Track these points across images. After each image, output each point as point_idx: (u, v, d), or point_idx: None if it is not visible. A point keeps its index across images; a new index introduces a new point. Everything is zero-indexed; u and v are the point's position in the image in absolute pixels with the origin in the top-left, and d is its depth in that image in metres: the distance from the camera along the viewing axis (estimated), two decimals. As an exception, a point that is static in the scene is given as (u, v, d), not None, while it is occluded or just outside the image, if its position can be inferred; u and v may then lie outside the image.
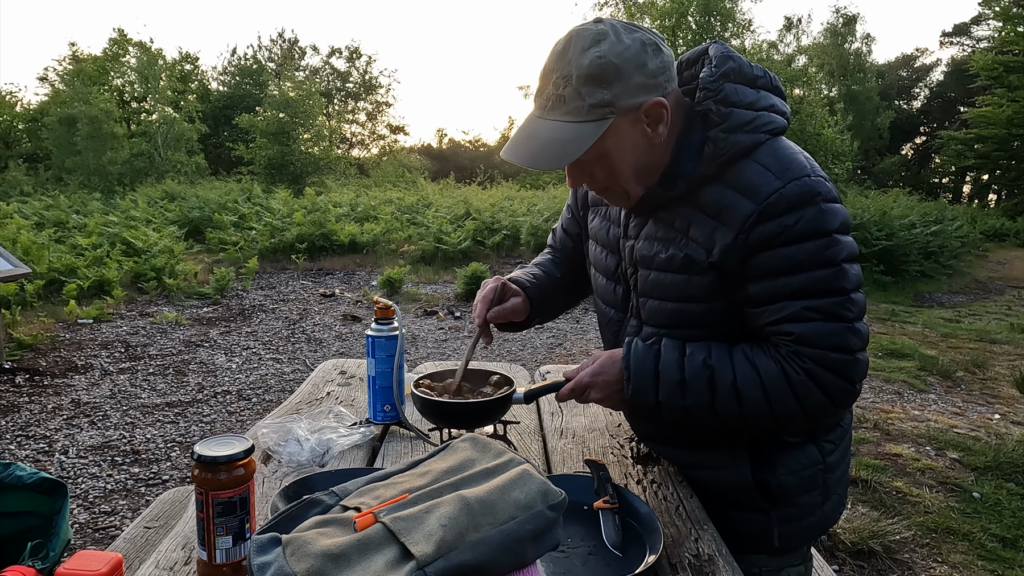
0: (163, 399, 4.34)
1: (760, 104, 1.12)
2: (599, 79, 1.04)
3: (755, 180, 1.07)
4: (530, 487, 0.85)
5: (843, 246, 1.06)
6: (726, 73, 1.11)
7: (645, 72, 1.06)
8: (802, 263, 1.05)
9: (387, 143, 34.47)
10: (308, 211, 11.45)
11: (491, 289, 1.39)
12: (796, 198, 1.05)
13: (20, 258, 6.37)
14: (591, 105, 1.05)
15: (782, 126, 1.14)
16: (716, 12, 11.27)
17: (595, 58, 1.03)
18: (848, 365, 1.07)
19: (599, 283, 1.39)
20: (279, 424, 1.41)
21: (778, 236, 1.05)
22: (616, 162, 1.11)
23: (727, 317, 1.15)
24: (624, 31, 1.06)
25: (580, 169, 1.14)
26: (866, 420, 4.13)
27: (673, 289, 1.17)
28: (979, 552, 2.76)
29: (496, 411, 1.38)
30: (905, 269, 10.11)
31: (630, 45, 1.05)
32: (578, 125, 1.06)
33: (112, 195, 15.89)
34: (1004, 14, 21.43)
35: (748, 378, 1.10)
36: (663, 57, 1.08)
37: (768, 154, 1.10)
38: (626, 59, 1.04)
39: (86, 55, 25.28)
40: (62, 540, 1.16)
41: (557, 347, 5.91)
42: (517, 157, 1.09)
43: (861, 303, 1.08)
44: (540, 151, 1.08)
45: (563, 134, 1.06)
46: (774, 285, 1.08)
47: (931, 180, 30.97)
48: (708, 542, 1.07)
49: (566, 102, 1.06)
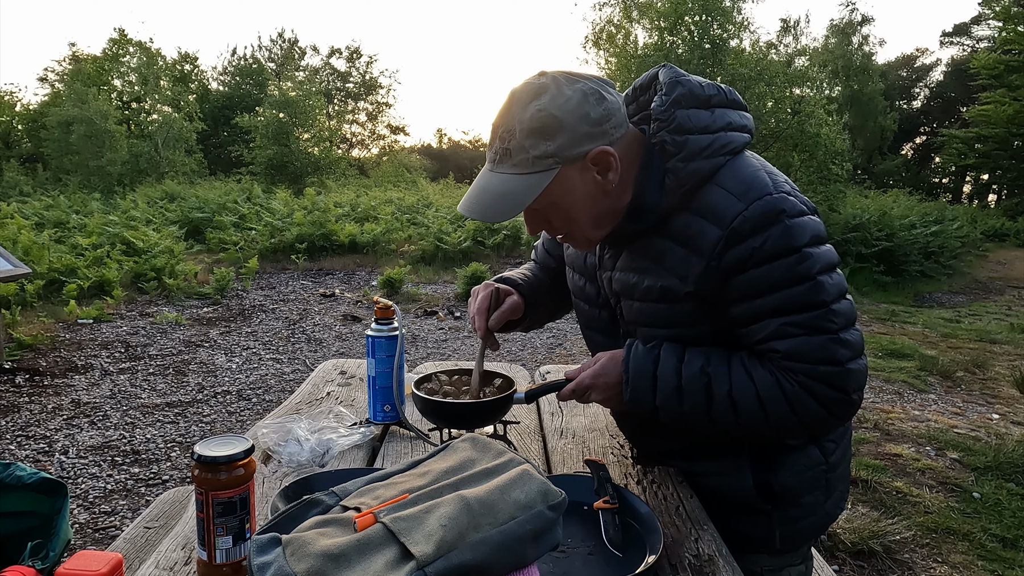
0: (163, 399, 4.34)
1: (716, 125, 1.11)
2: (541, 132, 1.06)
3: (719, 205, 1.07)
4: (530, 487, 0.85)
5: (815, 259, 1.05)
6: (676, 100, 1.10)
7: (588, 121, 1.06)
8: (777, 282, 1.05)
9: (387, 143, 34.52)
10: (308, 211, 11.45)
11: (484, 297, 1.39)
12: (760, 219, 1.04)
13: (20, 258, 6.37)
14: (535, 157, 1.06)
15: (743, 142, 1.14)
16: (715, 12, 11.24)
17: (536, 111, 1.05)
18: (839, 376, 1.06)
19: (581, 309, 1.39)
20: (279, 424, 1.41)
21: (748, 259, 1.05)
22: (569, 210, 1.13)
23: (721, 336, 1.15)
24: (566, 83, 1.07)
25: (536, 217, 1.16)
26: (866, 420, 4.13)
27: (658, 317, 1.18)
28: (979, 552, 2.76)
29: (496, 411, 1.38)
30: (905, 269, 10.11)
31: (571, 96, 1.06)
32: (525, 177, 1.08)
33: (112, 195, 15.89)
34: (1004, 14, 21.43)
35: (744, 388, 1.10)
36: (607, 105, 1.08)
37: (729, 176, 1.09)
38: (567, 111, 1.05)
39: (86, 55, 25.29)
40: (62, 540, 1.16)
41: (557, 347, 5.92)
42: (471, 211, 1.12)
43: (846, 312, 1.07)
44: (491, 205, 1.10)
45: (511, 187, 1.09)
46: (753, 306, 1.08)
47: (931, 180, 30.97)
48: (708, 542, 1.07)
49: (512, 155, 1.08)
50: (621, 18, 13.01)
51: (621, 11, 13.05)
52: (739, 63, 11.14)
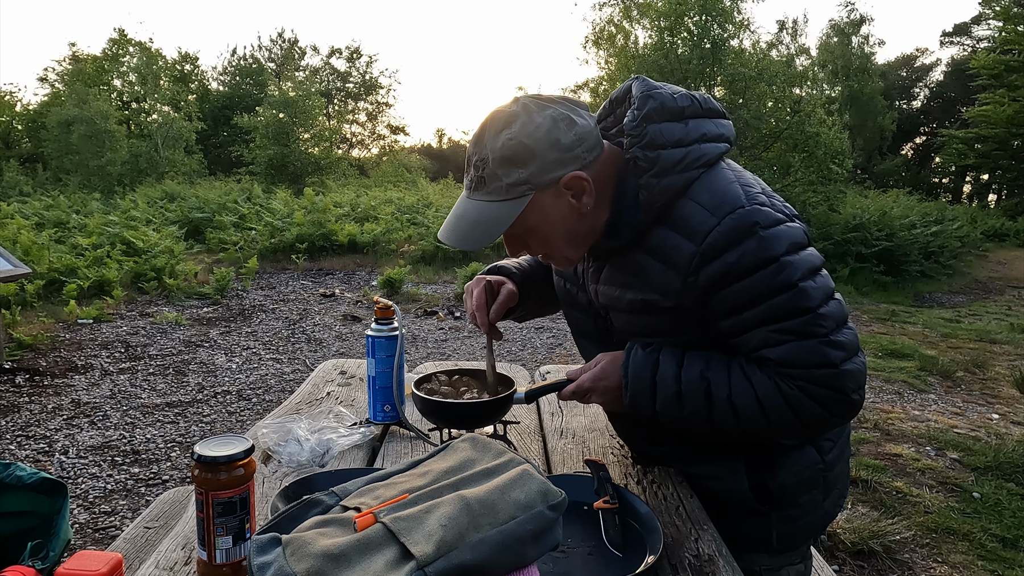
0: (163, 399, 4.34)
1: (690, 138, 1.10)
2: (512, 160, 1.07)
3: (692, 220, 1.07)
4: (530, 487, 0.85)
5: (795, 266, 1.04)
6: (647, 115, 1.09)
7: (559, 147, 1.07)
8: (759, 294, 1.05)
9: (387, 143, 34.52)
10: (308, 211, 11.44)
11: (480, 292, 1.39)
12: (733, 233, 1.04)
13: (20, 258, 6.37)
14: (509, 184, 1.08)
15: (718, 152, 1.13)
16: (715, 12, 11.23)
17: (507, 140, 1.07)
18: (836, 378, 1.06)
19: (573, 317, 1.39)
20: (279, 424, 1.41)
21: (728, 274, 1.05)
22: (546, 234, 1.14)
23: (710, 342, 1.15)
24: (536, 110, 1.08)
25: (514, 241, 1.17)
26: (866, 420, 4.13)
27: (646, 327, 1.18)
28: (979, 552, 2.76)
29: (496, 411, 1.38)
30: (905, 269, 10.11)
31: (541, 124, 1.07)
32: (499, 204, 1.10)
33: (112, 195, 15.89)
34: (1004, 14, 21.40)
35: (743, 392, 1.10)
36: (577, 129, 1.09)
37: (702, 190, 1.09)
38: (537, 139, 1.07)
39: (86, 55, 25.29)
40: (62, 540, 1.16)
41: (557, 347, 5.92)
42: (448, 238, 1.13)
43: (835, 314, 1.06)
44: (467, 232, 1.12)
45: (487, 214, 1.11)
46: (741, 319, 1.08)
47: (931, 180, 30.96)
48: (708, 542, 1.07)
49: (486, 183, 1.10)
50: (621, 18, 13.01)
51: (621, 11, 13.04)
52: (739, 63, 11.14)
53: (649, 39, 12.36)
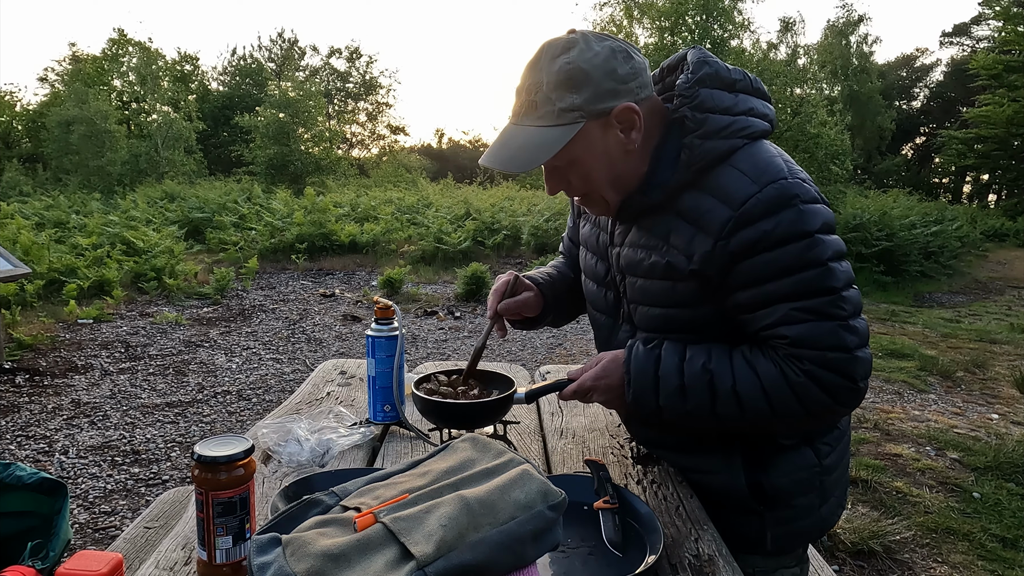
0: (163, 399, 4.34)
1: (738, 108, 1.11)
2: (568, 84, 1.06)
3: (732, 186, 1.07)
4: (530, 487, 0.85)
5: (827, 245, 1.05)
6: (701, 79, 1.11)
7: (615, 77, 1.07)
8: (787, 267, 1.04)
9: (387, 143, 34.51)
10: (308, 211, 11.45)
11: (503, 282, 1.41)
12: (773, 202, 1.04)
13: (20, 258, 6.37)
14: (561, 109, 1.07)
15: (763, 129, 1.14)
16: (715, 12, 11.25)
17: (564, 64, 1.06)
18: (848, 363, 1.06)
19: (590, 289, 1.39)
20: (279, 424, 1.41)
21: (759, 242, 1.04)
22: (590, 168, 1.13)
23: (717, 322, 1.15)
24: (595, 39, 1.08)
25: (556, 175, 1.16)
26: (866, 420, 4.12)
27: (659, 295, 1.17)
28: (979, 552, 2.76)
29: (496, 411, 1.38)
30: (905, 269, 10.11)
31: (599, 52, 1.07)
32: (549, 129, 1.08)
33: (112, 195, 15.90)
34: (1004, 14, 21.42)
35: (748, 382, 1.09)
36: (634, 64, 1.09)
37: (745, 159, 1.09)
38: (595, 65, 1.06)
39: (85, 55, 25.29)
40: (62, 540, 1.16)
41: (557, 347, 5.91)
42: (492, 161, 1.12)
43: (855, 300, 1.07)
44: (513, 155, 1.10)
45: (535, 139, 1.09)
46: (762, 291, 1.07)
47: (931, 180, 30.98)
48: (708, 542, 1.07)
49: (538, 107, 1.08)
50: (622, 18, 13.02)
51: (622, 11, 13.05)
52: (739, 63, 11.15)
53: (650, 39, 12.37)
